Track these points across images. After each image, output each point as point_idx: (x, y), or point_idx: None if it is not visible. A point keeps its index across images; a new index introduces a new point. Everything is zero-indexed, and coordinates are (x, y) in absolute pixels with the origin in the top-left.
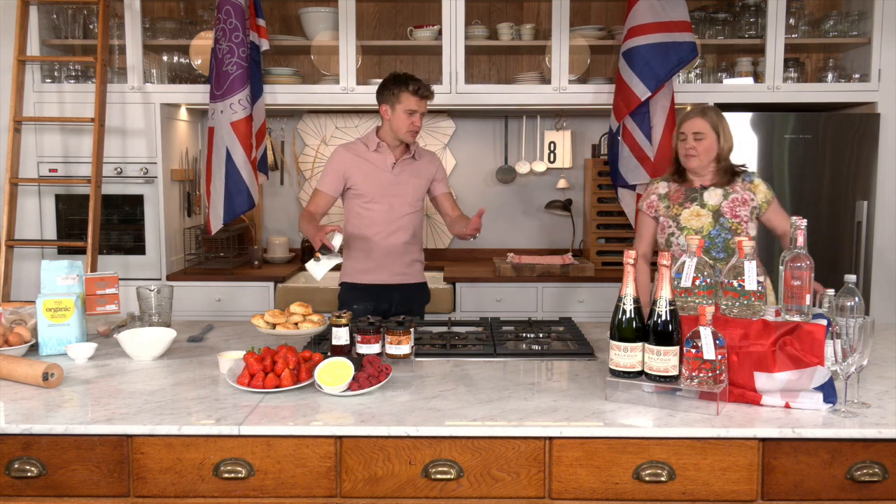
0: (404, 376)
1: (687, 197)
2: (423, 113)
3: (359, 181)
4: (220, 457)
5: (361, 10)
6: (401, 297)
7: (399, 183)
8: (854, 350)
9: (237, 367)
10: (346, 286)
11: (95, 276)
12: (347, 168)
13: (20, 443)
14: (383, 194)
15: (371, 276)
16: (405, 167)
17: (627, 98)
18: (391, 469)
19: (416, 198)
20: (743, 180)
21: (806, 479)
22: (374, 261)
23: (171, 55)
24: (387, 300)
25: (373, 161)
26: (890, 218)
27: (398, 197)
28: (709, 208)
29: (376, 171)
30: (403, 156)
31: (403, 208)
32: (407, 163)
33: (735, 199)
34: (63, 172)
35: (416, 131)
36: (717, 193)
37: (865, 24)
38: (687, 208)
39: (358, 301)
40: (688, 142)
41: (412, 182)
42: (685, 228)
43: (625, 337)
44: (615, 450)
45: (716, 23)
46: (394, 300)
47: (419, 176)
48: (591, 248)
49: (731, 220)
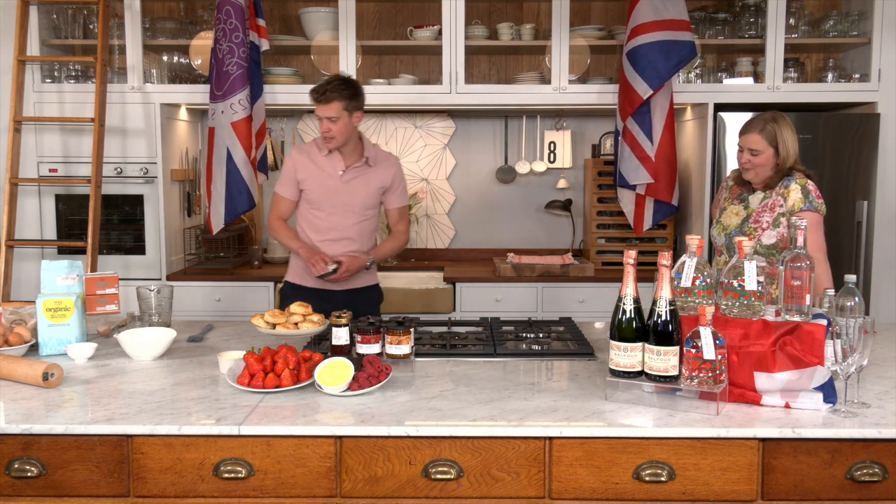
0: (404, 376)
1: (739, 195)
2: (334, 118)
3: (307, 186)
4: (220, 457)
5: (361, 10)
6: (345, 298)
7: (346, 191)
8: (854, 350)
9: (237, 367)
10: (290, 286)
11: (95, 276)
12: (299, 171)
13: (20, 443)
14: (329, 201)
15: (314, 280)
16: (357, 174)
17: (631, 98)
18: (391, 469)
19: (363, 206)
20: (783, 183)
21: (806, 479)
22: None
23: (171, 55)
24: (329, 301)
25: (322, 166)
26: (890, 218)
27: (345, 205)
28: (748, 210)
29: (324, 176)
30: (356, 162)
31: (349, 217)
32: (359, 170)
33: (766, 204)
34: (63, 172)
35: (327, 137)
36: (759, 196)
37: (865, 24)
38: (734, 205)
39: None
40: (743, 156)
41: (361, 191)
42: (720, 223)
43: (625, 337)
44: (615, 450)
45: (716, 23)
46: (338, 301)
47: (369, 185)
48: (591, 248)
49: (751, 225)
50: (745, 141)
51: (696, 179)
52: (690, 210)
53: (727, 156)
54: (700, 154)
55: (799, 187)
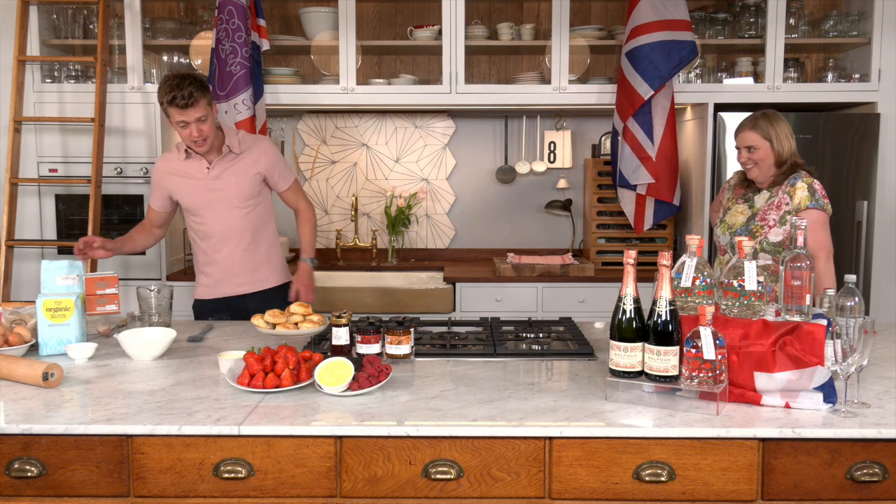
0: (404, 376)
1: (744, 195)
2: (203, 118)
3: (179, 195)
4: (220, 457)
5: (361, 10)
6: (255, 303)
7: (217, 188)
8: (854, 350)
9: (237, 367)
10: (198, 302)
11: (95, 276)
12: (165, 183)
13: (20, 443)
14: (204, 203)
15: (215, 290)
16: (224, 167)
17: (631, 97)
18: (391, 469)
19: (243, 198)
20: (789, 182)
21: (806, 479)
22: (213, 276)
23: (171, 55)
24: (242, 307)
25: (186, 171)
26: (890, 218)
27: (221, 202)
28: (753, 209)
29: (191, 180)
30: (219, 155)
31: (232, 213)
32: (226, 162)
33: (772, 203)
34: (63, 172)
35: (199, 141)
36: (764, 195)
37: (865, 24)
38: (738, 204)
39: (212, 314)
40: (742, 155)
41: (234, 182)
42: (724, 223)
43: (625, 337)
44: (615, 450)
45: (716, 23)
46: (249, 307)
47: (243, 174)
48: (591, 248)
49: (758, 223)
50: (740, 140)
51: (695, 179)
52: (690, 210)
53: (727, 156)
54: (700, 154)
55: (805, 185)
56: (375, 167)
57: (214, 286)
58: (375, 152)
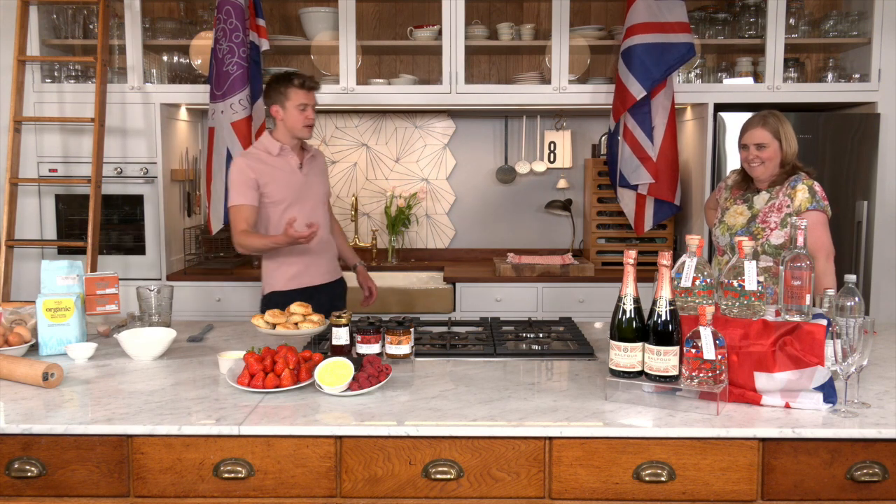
0: (404, 376)
1: (742, 195)
2: (315, 106)
3: (272, 188)
4: (220, 457)
5: (361, 10)
6: (327, 297)
7: (309, 184)
8: (854, 350)
9: (237, 367)
10: (276, 294)
11: (95, 276)
12: (259, 176)
13: (20, 443)
14: (299, 197)
15: (300, 280)
16: (311, 166)
17: (623, 97)
18: (391, 469)
19: (326, 194)
20: (789, 184)
21: (806, 479)
22: (303, 263)
23: (171, 55)
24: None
25: (280, 166)
26: (890, 218)
27: (312, 197)
28: (753, 210)
29: (286, 175)
30: (304, 155)
31: (319, 208)
32: (309, 161)
33: (773, 204)
34: (63, 172)
35: (311, 125)
36: (764, 197)
37: (865, 24)
38: (737, 205)
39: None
40: (750, 153)
41: (318, 180)
42: (723, 223)
43: (625, 337)
44: (615, 450)
45: (716, 23)
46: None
47: (322, 174)
48: (591, 248)
49: (759, 225)
50: (749, 137)
51: (695, 179)
52: (690, 210)
53: (727, 156)
54: (700, 154)
55: (806, 188)
56: (375, 167)
57: (303, 274)
58: (375, 152)
